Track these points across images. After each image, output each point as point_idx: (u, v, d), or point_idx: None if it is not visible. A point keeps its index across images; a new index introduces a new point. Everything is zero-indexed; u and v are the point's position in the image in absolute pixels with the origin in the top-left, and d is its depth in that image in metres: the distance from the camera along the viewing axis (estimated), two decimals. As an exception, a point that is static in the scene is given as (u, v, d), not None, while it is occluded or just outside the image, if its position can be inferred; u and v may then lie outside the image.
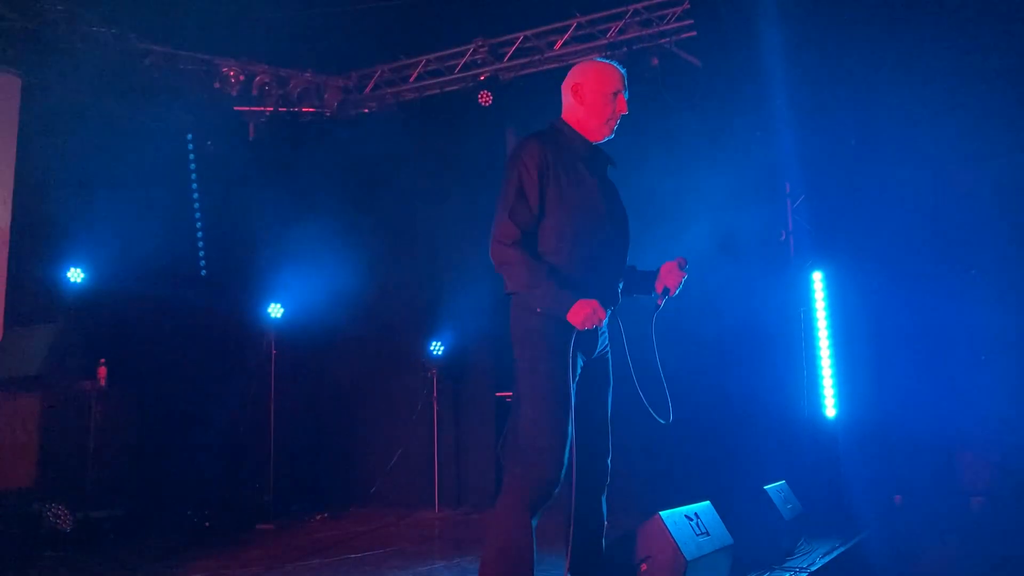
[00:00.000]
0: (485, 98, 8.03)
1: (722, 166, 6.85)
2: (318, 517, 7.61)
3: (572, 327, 3.06)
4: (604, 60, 3.40)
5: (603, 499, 3.31)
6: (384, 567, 5.28)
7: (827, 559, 4.89)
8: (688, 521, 3.70)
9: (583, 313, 3.02)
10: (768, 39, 6.60)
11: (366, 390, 8.96)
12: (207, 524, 6.94)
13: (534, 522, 3.06)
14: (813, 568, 4.62)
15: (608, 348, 3.35)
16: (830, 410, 6.87)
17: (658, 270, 3.36)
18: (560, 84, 3.43)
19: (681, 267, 3.33)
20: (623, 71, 3.35)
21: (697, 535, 3.68)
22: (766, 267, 7.18)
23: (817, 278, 7.07)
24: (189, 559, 5.65)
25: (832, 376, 6.92)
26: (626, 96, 3.33)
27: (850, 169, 7.32)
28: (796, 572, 4.52)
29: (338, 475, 8.68)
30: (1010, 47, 6.49)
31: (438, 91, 8.64)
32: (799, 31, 6.55)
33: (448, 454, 8.40)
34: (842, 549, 5.21)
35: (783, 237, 7.27)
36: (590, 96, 3.30)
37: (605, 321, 3.17)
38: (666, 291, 3.33)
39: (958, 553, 5.46)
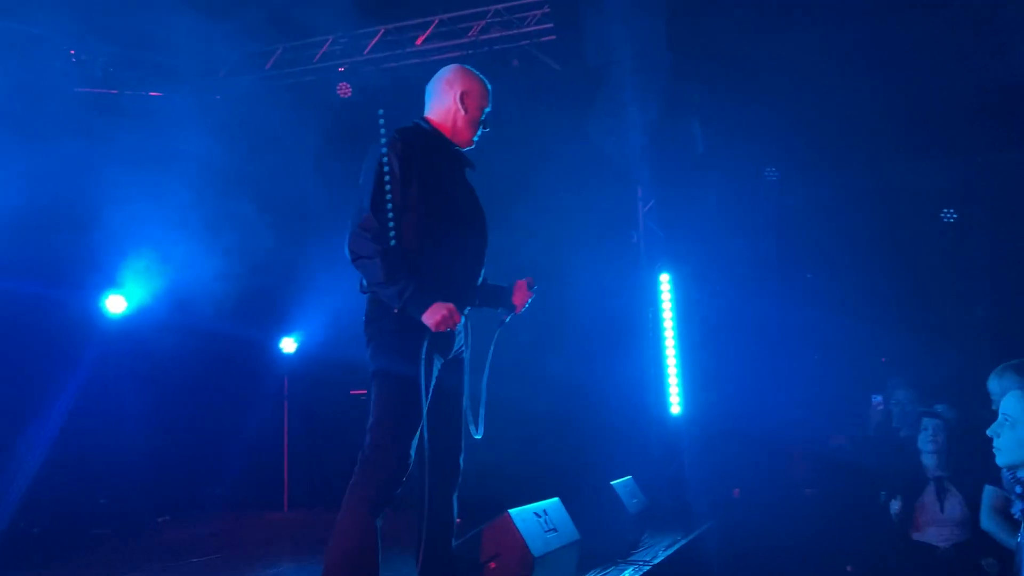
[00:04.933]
0: (344, 90, 7.88)
1: (576, 168, 6.99)
2: (160, 520, 7.27)
3: (427, 328, 3.04)
4: (479, 74, 3.41)
5: (455, 497, 3.32)
6: (229, 570, 5.10)
7: (669, 551, 5.05)
8: (537, 518, 3.74)
9: (439, 315, 3.01)
10: (624, 46, 6.77)
11: (212, 387, 8.58)
12: (35, 531, 6.50)
13: (378, 523, 3.03)
14: (656, 561, 4.77)
15: (464, 348, 3.36)
16: (675, 407, 7.12)
17: (508, 287, 3.43)
18: (424, 80, 3.42)
19: (530, 287, 3.42)
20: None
21: (545, 531, 3.72)
22: (617, 268, 7.37)
23: (664, 280, 7.30)
24: (15, 571, 5.28)
25: (677, 375, 7.16)
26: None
27: (698, 176, 7.62)
28: (640, 565, 4.64)
29: (182, 477, 8.29)
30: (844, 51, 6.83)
31: (293, 80, 8.39)
32: (654, 40, 6.75)
33: (300, 453, 8.20)
34: (683, 542, 5.41)
35: (634, 239, 7.47)
36: (474, 109, 3.35)
37: (461, 322, 3.18)
38: (512, 308, 3.40)
39: (788, 541, 5.78)
